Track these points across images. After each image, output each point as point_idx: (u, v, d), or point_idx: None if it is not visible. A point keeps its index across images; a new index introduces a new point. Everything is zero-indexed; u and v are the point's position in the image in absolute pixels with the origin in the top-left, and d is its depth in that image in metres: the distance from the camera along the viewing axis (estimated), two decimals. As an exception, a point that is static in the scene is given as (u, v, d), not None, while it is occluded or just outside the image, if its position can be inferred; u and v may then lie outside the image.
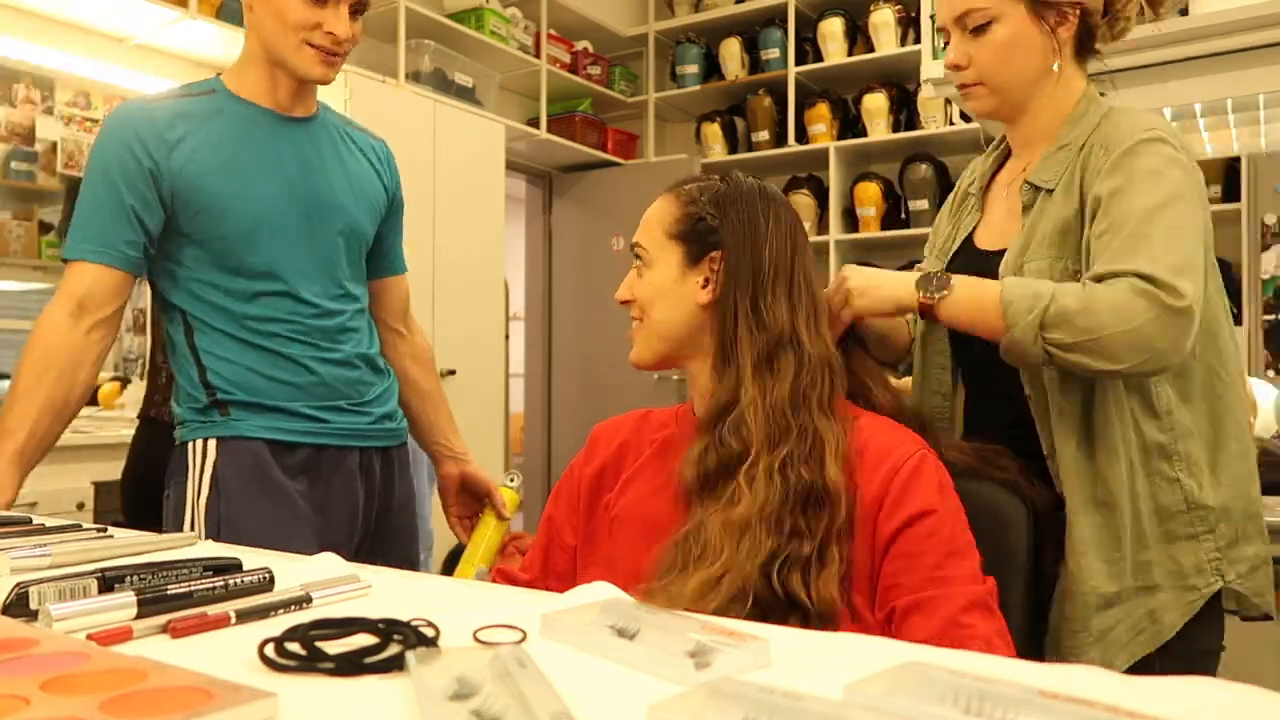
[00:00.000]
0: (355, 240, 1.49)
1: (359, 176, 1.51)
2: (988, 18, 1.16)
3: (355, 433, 1.45)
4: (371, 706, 0.55)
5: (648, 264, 1.07)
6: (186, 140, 1.35)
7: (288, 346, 1.40)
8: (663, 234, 1.06)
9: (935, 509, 0.93)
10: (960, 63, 1.20)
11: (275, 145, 1.41)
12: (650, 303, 1.06)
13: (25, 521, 1.09)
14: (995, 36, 1.17)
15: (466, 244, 3.66)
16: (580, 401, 4.76)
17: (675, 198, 1.07)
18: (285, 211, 1.40)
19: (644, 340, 1.08)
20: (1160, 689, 0.54)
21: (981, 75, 1.19)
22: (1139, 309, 1.00)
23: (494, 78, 4.10)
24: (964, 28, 1.18)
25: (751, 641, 0.61)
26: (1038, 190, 1.19)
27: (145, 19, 2.93)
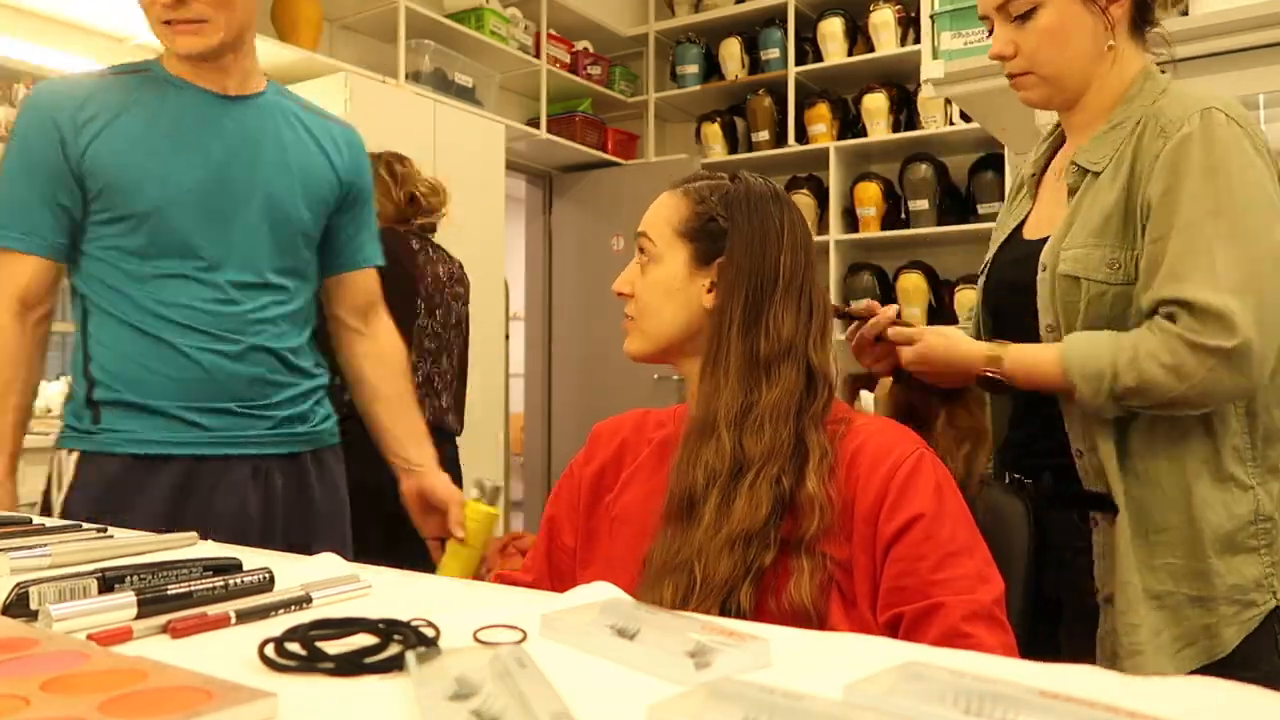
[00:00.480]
0: (285, 227, 1.39)
1: (300, 160, 1.42)
2: (1032, 3, 1.11)
3: (242, 440, 1.35)
4: (371, 706, 0.55)
5: (654, 259, 1.05)
6: (103, 120, 1.30)
7: (178, 335, 1.31)
8: (671, 231, 1.04)
9: (932, 510, 0.92)
10: (1006, 52, 1.14)
11: (200, 124, 1.35)
12: (653, 300, 1.05)
13: (25, 521, 1.09)
14: (1041, 22, 1.11)
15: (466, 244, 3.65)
16: (580, 401, 4.76)
17: (686, 196, 1.05)
18: (199, 191, 1.32)
19: (639, 335, 1.07)
20: (1160, 689, 0.54)
21: (1031, 64, 1.14)
22: (1192, 366, 0.98)
23: (494, 78, 4.10)
24: (1007, 15, 1.13)
25: (751, 641, 0.61)
26: (1085, 172, 1.13)
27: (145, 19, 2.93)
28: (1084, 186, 1.12)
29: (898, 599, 0.91)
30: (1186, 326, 0.99)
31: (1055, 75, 1.14)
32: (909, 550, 0.91)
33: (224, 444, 1.34)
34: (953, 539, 0.92)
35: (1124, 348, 1.02)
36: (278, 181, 1.39)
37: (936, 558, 0.90)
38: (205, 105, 1.36)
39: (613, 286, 1.08)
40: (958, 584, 0.89)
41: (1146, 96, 1.12)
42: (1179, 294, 1.00)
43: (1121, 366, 1.01)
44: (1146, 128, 1.08)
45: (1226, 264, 0.99)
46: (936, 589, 0.89)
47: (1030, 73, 1.14)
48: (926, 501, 0.92)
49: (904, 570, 0.91)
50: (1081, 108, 1.18)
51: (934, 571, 0.90)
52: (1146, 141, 1.07)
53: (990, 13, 1.15)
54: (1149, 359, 1.00)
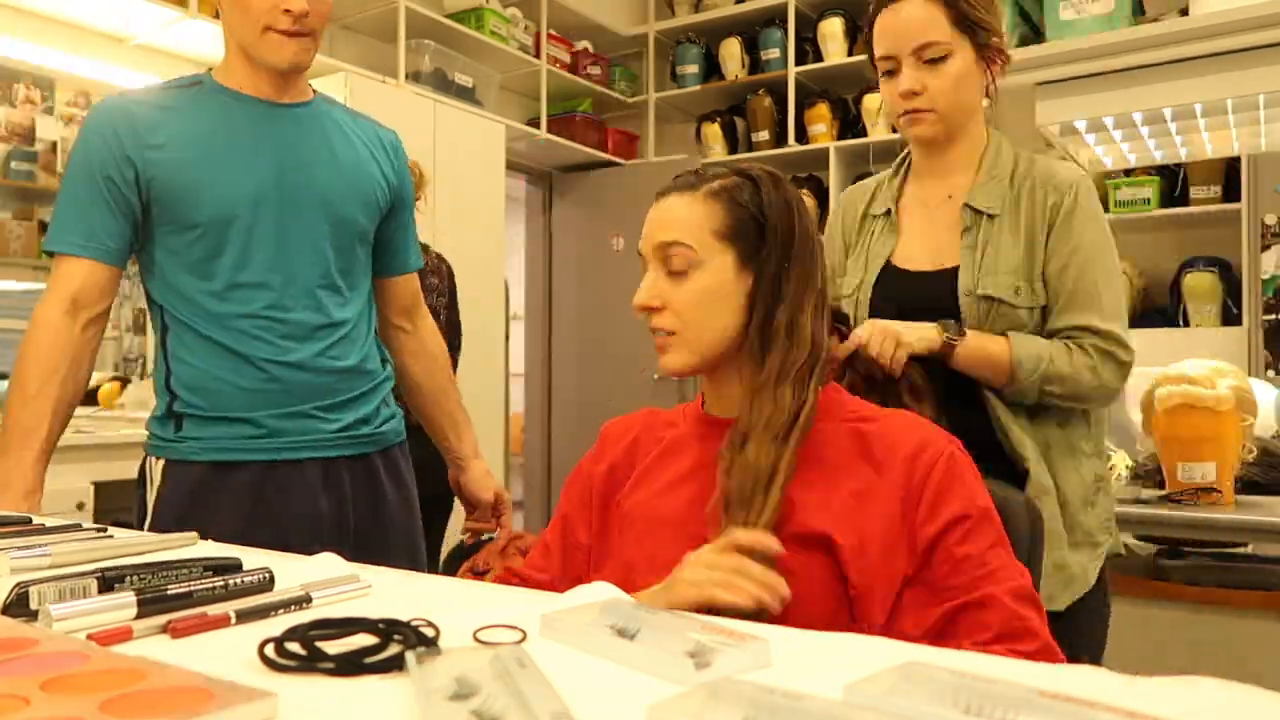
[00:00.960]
0: (345, 233, 1.44)
1: (351, 167, 1.46)
2: (946, 51, 1.30)
3: (313, 443, 1.39)
4: (371, 706, 0.55)
5: (694, 266, 0.99)
6: (164, 133, 1.34)
7: (247, 344, 1.35)
8: (710, 235, 1.00)
9: (973, 509, 0.94)
10: (916, 89, 1.31)
11: (256, 133, 1.39)
12: (698, 310, 1.00)
13: (25, 521, 1.09)
14: (950, 68, 1.31)
15: (466, 244, 3.66)
16: (580, 401, 4.76)
17: (717, 198, 1.01)
18: (262, 201, 1.36)
19: (685, 350, 1.02)
20: (1160, 689, 0.54)
21: (935, 103, 1.32)
22: (1108, 371, 1.30)
23: (494, 78, 4.11)
24: (920, 58, 1.31)
25: (751, 641, 0.61)
26: (979, 214, 1.34)
27: (145, 19, 2.93)
28: (981, 227, 1.34)
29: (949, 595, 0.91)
30: (1094, 344, 1.29)
31: (950, 115, 1.34)
32: (954, 550, 0.92)
33: (294, 448, 1.38)
34: (988, 534, 0.94)
35: (1056, 345, 1.29)
36: (334, 186, 1.43)
37: (980, 553, 0.92)
38: (261, 115, 1.40)
39: (637, 302, 1.02)
40: (1000, 574, 0.91)
41: (1007, 155, 1.38)
42: (1092, 322, 1.30)
43: (1057, 357, 1.27)
44: (1035, 184, 1.34)
45: (1116, 304, 1.32)
46: (986, 582, 0.90)
47: (933, 110, 1.33)
48: (967, 501, 0.94)
49: (952, 570, 0.92)
50: (951, 150, 1.39)
51: (979, 566, 0.91)
52: (1039, 196, 1.33)
53: (902, 55, 1.32)
54: (1077, 360, 1.29)
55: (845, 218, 1.50)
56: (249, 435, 1.36)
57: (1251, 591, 1.95)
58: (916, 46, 1.30)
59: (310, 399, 1.39)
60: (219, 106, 1.39)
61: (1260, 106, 1.98)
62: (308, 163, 1.41)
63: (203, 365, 1.36)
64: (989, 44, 1.33)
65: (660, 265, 1.02)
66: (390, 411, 1.53)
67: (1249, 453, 1.95)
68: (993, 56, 1.35)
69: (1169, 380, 1.92)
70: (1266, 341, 3.52)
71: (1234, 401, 1.86)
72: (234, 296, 1.36)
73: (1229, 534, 1.90)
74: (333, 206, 1.42)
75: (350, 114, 1.54)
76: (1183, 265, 3.83)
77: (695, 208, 1.01)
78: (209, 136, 1.36)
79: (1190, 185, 3.78)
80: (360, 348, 1.46)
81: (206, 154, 1.35)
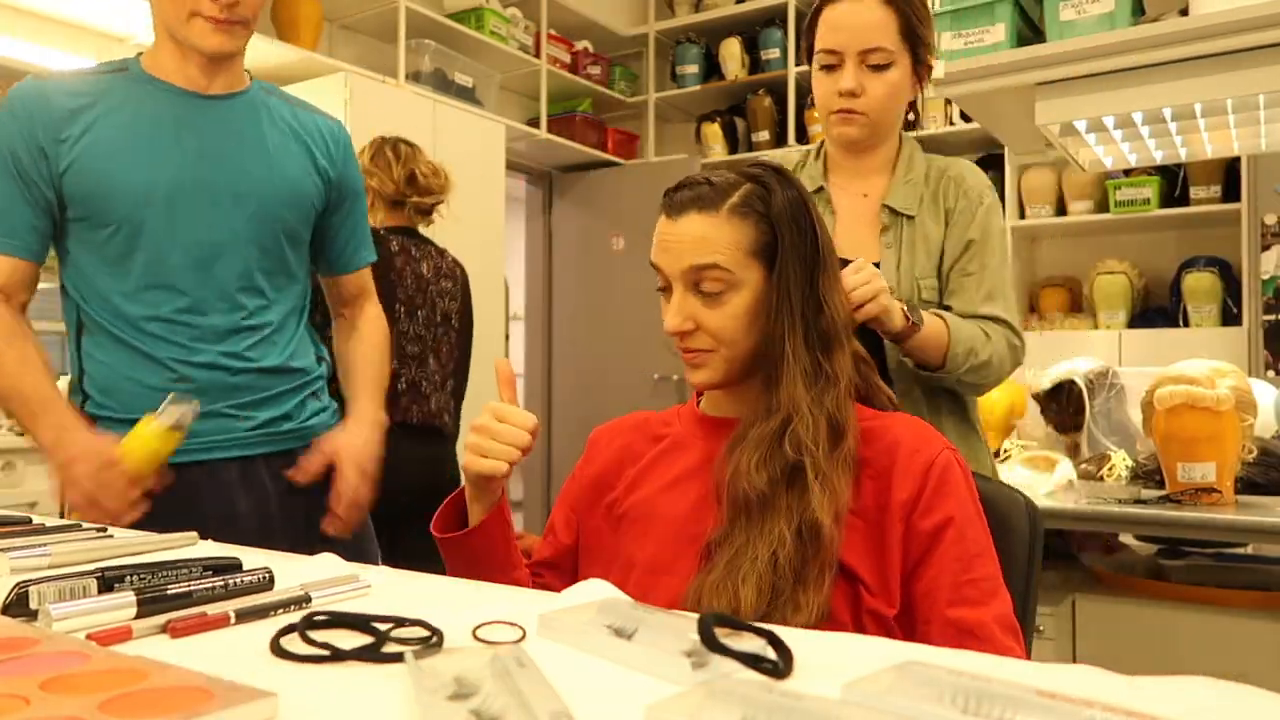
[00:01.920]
0: (269, 231, 1.38)
1: (283, 160, 1.40)
2: (889, 59, 1.36)
3: (225, 443, 1.35)
4: (371, 706, 0.55)
5: (731, 287, 0.98)
6: (79, 124, 1.30)
7: (158, 347, 1.32)
8: (744, 254, 0.98)
9: (963, 512, 0.95)
10: (857, 91, 1.36)
11: (177, 127, 1.33)
12: (739, 330, 0.99)
13: (25, 521, 1.09)
14: (890, 76, 1.37)
15: (466, 244, 3.65)
16: (580, 401, 4.76)
17: (737, 215, 0.98)
18: (178, 198, 1.31)
19: (723, 366, 1.01)
20: (1160, 689, 0.54)
21: (869, 107, 1.37)
22: (1010, 359, 1.39)
23: (494, 78, 4.11)
24: (864, 61, 1.35)
25: (749, 641, 0.61)
26: (897, 215, 1.42)
27: (145, 19, 2.92)
28: (900, 226, 1.41)
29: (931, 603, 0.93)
30: (1003, 334, 1.37)
31: (880, 120, 1.40)
32: (946, 550, 0.93)
33: (206, 448, 1.34)
34: (977, 540, 0.95)
35: (977, 333, 1.35)
36: (258, 183, 1.37)
37: (966, 559, 0.93)
38: (185, 106, 1.35)
39: (670, 328, 1.00)
40: (983, 585, 0.93)
41: (919, 160, 1.46)
42: (994, 312, 1.39)
43: (980, 347, 1.34)
44: (948, 187, 1.43)
45: (1011, 299, 1.43)
46: (977, 602, 0.92)
47: (866, 114, 1.38)
48: (960, 503, 0.95)
49: (940, 570, 0.93)
50: (872, 155, 1.46)
51: (964, 573, 0.93)
52: (953, 200, 1.42)
53: (849, 54, 1.35)
54: (995, 347, 1.36)
55: None
56: None
57: (1251, 591, 1.95)
58: (864, 49, 1.34)
59: (222, 398, 1.35)
60: (141, 96, 1.34)
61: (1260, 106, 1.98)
62: (230, 157, 1.35)
63: (114, 366, 1.33)
64: (924, 60, 1.40)
65: (688, 287, 0.99)
66: (319, 405, 1.48)
67: (1249, 453, 1.95)
68: (924, 73, 1.42)
69: (1169, 380, 1.92)
70: (1266, 341, 3.52)
71: (1234, 401, 1.86)
72: (145, 298, 1.32)
73: (1229, 534, 1.90)
74: (257, 204, 1.36)
75: (292, 104, 1.48)
76: (1183, 265, 3.83)
77: (724, 228, 0.98)
78: (125, 128, 1.31)
79: (1190, 185, 3.78)
80: (283, 348, 1.41)
81: (121, 148, 1.30)
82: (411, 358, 2.22)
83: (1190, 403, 1.87)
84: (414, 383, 2.22)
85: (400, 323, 2.19)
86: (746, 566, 0.90)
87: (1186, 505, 1.86)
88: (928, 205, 1.42)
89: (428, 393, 2.25)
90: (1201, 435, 1.88)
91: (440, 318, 2.30)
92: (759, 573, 0.90)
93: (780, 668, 0.58)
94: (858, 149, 1.45)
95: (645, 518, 1.04)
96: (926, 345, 1.31)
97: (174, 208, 1.32)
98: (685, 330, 0.99)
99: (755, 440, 0.96)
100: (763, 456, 0.95)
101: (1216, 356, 2.00)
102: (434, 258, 2.32)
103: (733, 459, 0.97)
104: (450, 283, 2.34)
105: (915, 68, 1.40)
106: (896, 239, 1.41)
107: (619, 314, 4.54)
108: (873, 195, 1.44)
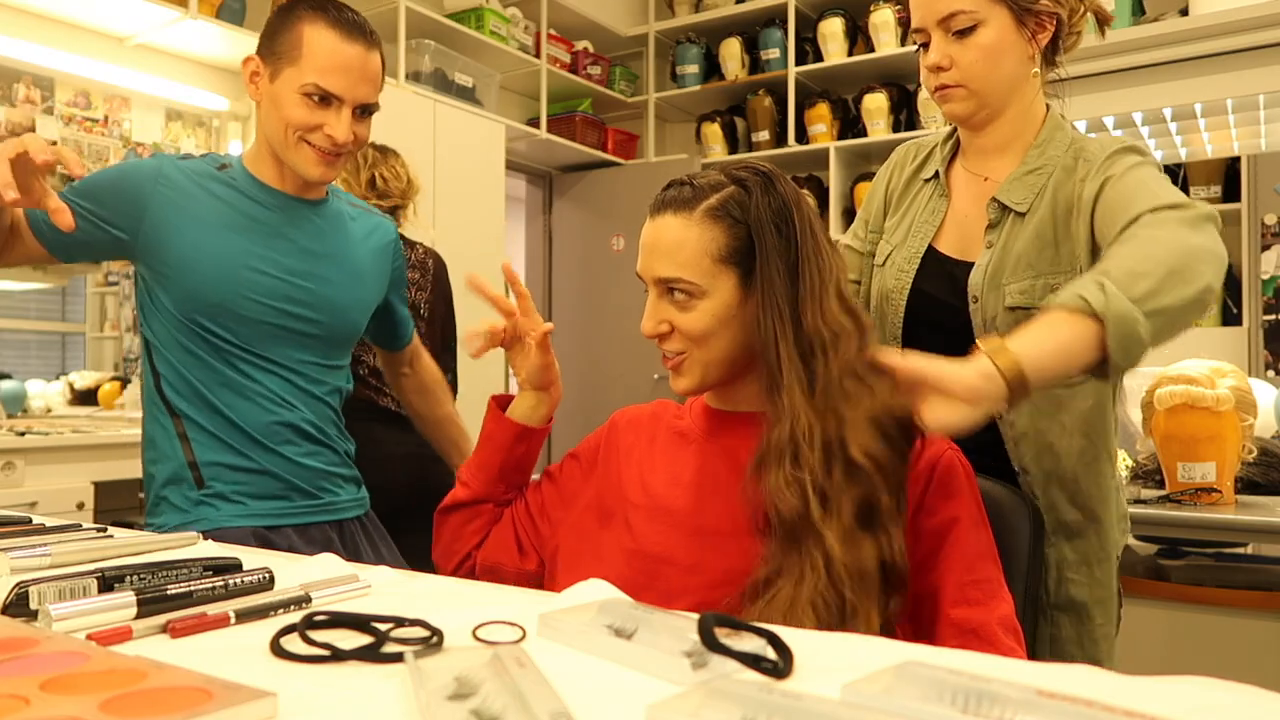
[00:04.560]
0: (343, 334, 1.48)
1: (359, 269, 1.49)
2: (974, 20, 1.16)
3: None
4: (371, 706, 0.55)
5: (697, 295, 0.98)
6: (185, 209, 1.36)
7: None
8: (711, 261, 0.97)
9: (968, 513, 0.95)
10: (943, 64, 1.19)
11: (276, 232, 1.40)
12: (709, 333, 0.99)
13: (25, 521, 1.09)
14: (981, 39, 1.16)
15: (467, 244, 3.66)
16: (580, 401, 4.75)
17: (709, 219, 0.98)
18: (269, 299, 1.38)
19: (699, 371, 1.02)
20: (1160, 689, 0.54)
21: (965, 78, 1.18)
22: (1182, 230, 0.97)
23: (494, 78, 4.10)
24: (947, 30, 1.17)
25: (749, 641, 0.61)
26: (1006, 210, 1.20)
27: (145, 19, 2.93)
28: (1007, 223, 1.20)
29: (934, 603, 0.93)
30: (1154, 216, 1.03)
31: (984, 90, 1.19)
32: (950, 550, 0.94)
33: None
34: (981, 540, 0.95)
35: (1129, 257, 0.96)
36: (343, 293, 1.46)
37: (970, 559, 0.94)
38: (282, 209, 1.41)
39: (644, 331, 1.02)
40: (985, 586, 0.93)
41: (1059, 144, 1.21)
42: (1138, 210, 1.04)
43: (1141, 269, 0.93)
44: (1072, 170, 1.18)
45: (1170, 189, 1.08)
46: (979, 604, 0.92)
47: (963, 86, 1.19)
48: (964, 502, 0.95)
49: (944, 570, 0.94)
50: (993, 131, 1.24)
51: (968, 573, 0.93)
52: (1070, 176, 1.17)
53: (930, 26, 1.19)
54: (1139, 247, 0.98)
55: (894, 174, 1.38)
56: None
57: (1251, 591, 1.95)
58: (943, 16, 1.17)
59: None
60: (241, 196, 1.39)
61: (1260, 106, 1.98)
62: (323, 269, 1.43)
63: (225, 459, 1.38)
64: (1031, 8, 1.17)
65: (661, 292, 1.01)
66: None
67: (1249, 453, 1.95)
68: (1041, 23, 1.18)
69: (1169, 380, 1.92)
70: (1266, 341, 3.52)
71: (1234, 401, 1.86)
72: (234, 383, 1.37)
73: (1229, 534, 1.90)
74: (338, 312, 1.45)
75: (353, 205, 1.55)
76: (1183, 265, 3.82)
77: (691, 231, 0.98)
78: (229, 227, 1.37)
79: (1190, 185, 3.78)
80: None
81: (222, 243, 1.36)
82: None
83: (1190, 403, 1.87)
84: (378, 370, 2.23)
85: None
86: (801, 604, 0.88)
87: (1186, 505, 1.86)
88: (1049, 198, 1.18)
89: None
90: (1201, 435, 1.88)
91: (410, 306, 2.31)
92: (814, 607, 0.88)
93: (780, 668, 0.58)
94: (974, 125, 1.25)
95: (648, 508, 1.04)
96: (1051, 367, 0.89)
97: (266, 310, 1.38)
98: (659, 333, 1.01)
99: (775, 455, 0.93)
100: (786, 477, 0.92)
101: (1216, 356, 2.00)
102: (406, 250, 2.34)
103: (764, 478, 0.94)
104: (419, 274, 2.36)
105: (1021, 19, 1.17)
106: (999, 238, 1.20)
107: (619, 314, 4.54)
108: (994, 179, 1.24)
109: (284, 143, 1.35)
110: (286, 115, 1.32)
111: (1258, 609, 1.89)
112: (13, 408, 2.99)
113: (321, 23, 1.32)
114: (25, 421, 2.88)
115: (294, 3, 1.35)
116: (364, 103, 1.35)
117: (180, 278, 1.35)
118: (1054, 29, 1.19)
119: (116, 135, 3.14)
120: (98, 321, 3.42)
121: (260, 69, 1.36)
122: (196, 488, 1.36)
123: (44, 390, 3.17)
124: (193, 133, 3.35)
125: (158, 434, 1.38)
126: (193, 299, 1.35)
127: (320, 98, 1.31)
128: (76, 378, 3.21)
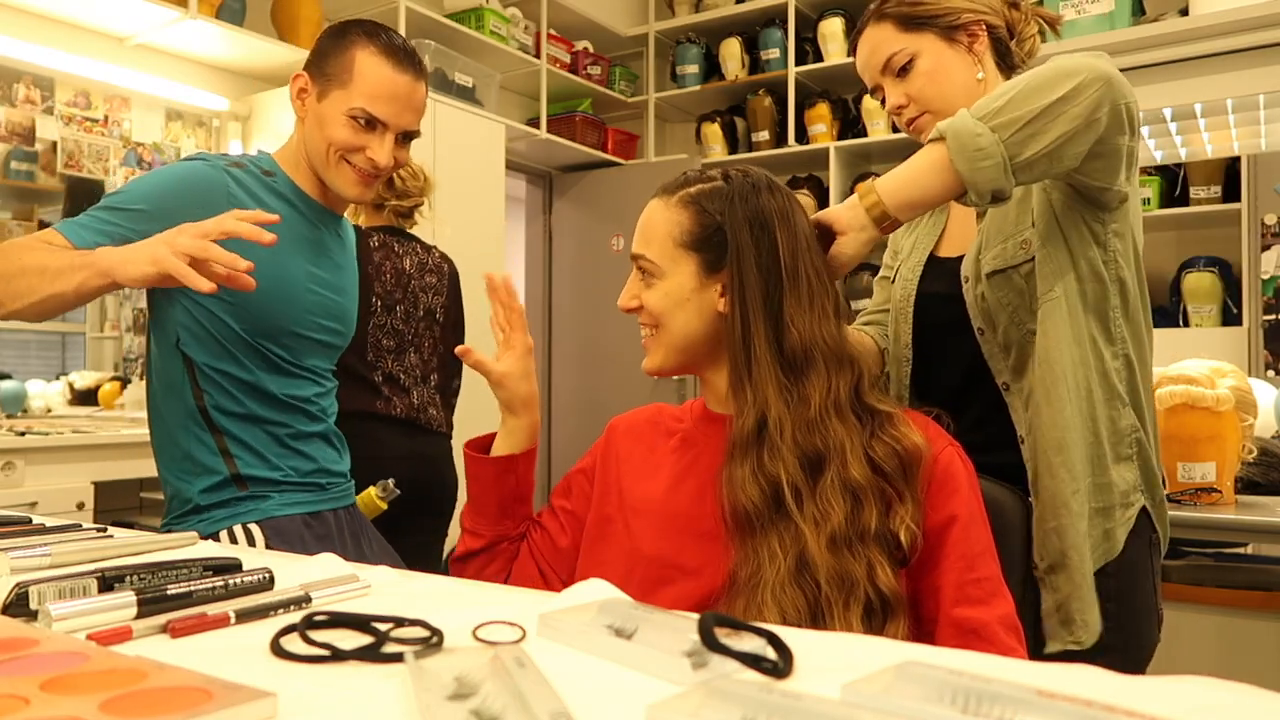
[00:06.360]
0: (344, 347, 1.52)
1: (354, 278, 1.53)
2: (909, 56, 1.27)
3: None
4: (371, 706, 0.55)
5: (656, 275, 1.04)
6: None
7: None
8: (673, 245, 1.02)
9: (968, 511, 0.96)
10: (902, 103, 1.28)
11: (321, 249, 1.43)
12: (666, 313, 1.03)
13: (25, 521, 1.09)
14: (921, 68, 1.26)
15: (466, 244, 3.66)
16: (580, 401, 4.76)
17: (685, 206, 1.03)
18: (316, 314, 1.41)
19: (661, 350, 1.06)
20: (1160, 689, 0.54)
21: (923, 104, 1.27)
22: (1066, 59, 1.04)
23: (494, 78, 4.10)
24: (891, 73, 1.28)
25: (749, 641, 0.61)
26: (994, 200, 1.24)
27: (145, 19, 2.93)
28: (990, 211, 1.25)
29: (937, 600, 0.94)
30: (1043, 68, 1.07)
31: (945, 108, 1.24)
32: (951, 549, 0.94)
33: None
34: (980, 538, 0.96)
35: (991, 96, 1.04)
36: (353, 302, 1.51)
37: (970, 558, 0.94)
38: (325, 226, 1.45)
39: (618, 303, 1.07)
40: (986, 584, 0.94)
41: None
42: None
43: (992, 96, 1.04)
44: None
45: None
46: (980, 602, 0.93)
47: (925, 113, 1.28)
48: (964, 501, 0.96)
49: (944, 569, 0.94)
50: None
51: (968, 571, 0.94)
52: None
53: (878, 79, 1.30)
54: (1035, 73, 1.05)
55: None
56: None
57: (1251, 591, 1.95)
58: (882, 64, 1.30)
59: None
60: (293, 212, 1.40)
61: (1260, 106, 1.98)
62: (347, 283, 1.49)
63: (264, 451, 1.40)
64: (954, 25, 1.26)
65: (638, 269, 1.07)
66: None
67: (1249, 453, 1.95)
68: (972, 33, 1.26)
69: (1169, 380, 1.92)
70: (1266, 341, 3.52)
71: (1234, 401, 1.86)
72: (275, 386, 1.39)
73: (1229, 534, 1.90)
74: (350, 322, 1.50)
75: None
76: (1183, 265, 3.83)
77: (664, 213, 1.04)
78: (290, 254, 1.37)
79: (1190, 185, 3.78)
80: None
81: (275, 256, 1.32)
82: (388, 351, 2.23)
83: (1190, 403, 1.87)
84: (391, 376, 2.23)
85: (376, 316, 2.21)
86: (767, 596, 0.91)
87: (1186, 505, 1.86)
88: None
89: (407, 385, 2.25)
90: (1201, 435, 1.88)
91: (423, 312, 2.31)
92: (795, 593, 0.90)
93: (780, 668, 0.58)
94: None
95: (647, 512, 1.04)
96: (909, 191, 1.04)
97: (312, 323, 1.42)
98: (629, 307, 1.07)
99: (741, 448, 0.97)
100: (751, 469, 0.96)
101: (1216, 356, 2.01)
102: (418, 254, 2.34)
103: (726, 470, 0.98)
104: (435, 278, 2.36)
105: (950, 37, 1.26)
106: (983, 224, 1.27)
107: (619, 314, 4.52)
108: None
109: (325, 161, 1.36)
110: (330, 135, 1.34)
111: (1258, 609, 1.89)
112: (13, 408, 2.99)
113: (374, 49, 1.33)
114: (25, 421, 2.88)
115: (348, 26, 1.37)
116: (407, 130, 1.38)
117: (248, 302, 1.31)
118: (987, 34, 1.28)
119: (116, 135, 3.14)
120: (98, 321, 3.42)
121: (309, 86, 1.37)
122: (240, 490, 1.36)
123: (44, 390, 3.17)
124: (193, 133, 3.35)
125: (196, 449, 1.35)
126: (259, 322, 1.34)
127: (366, 121, 1.33)
128: (76, 378, 3.21)
